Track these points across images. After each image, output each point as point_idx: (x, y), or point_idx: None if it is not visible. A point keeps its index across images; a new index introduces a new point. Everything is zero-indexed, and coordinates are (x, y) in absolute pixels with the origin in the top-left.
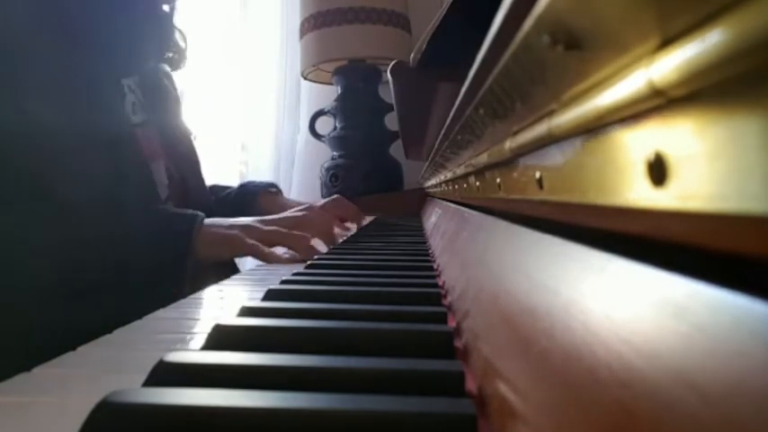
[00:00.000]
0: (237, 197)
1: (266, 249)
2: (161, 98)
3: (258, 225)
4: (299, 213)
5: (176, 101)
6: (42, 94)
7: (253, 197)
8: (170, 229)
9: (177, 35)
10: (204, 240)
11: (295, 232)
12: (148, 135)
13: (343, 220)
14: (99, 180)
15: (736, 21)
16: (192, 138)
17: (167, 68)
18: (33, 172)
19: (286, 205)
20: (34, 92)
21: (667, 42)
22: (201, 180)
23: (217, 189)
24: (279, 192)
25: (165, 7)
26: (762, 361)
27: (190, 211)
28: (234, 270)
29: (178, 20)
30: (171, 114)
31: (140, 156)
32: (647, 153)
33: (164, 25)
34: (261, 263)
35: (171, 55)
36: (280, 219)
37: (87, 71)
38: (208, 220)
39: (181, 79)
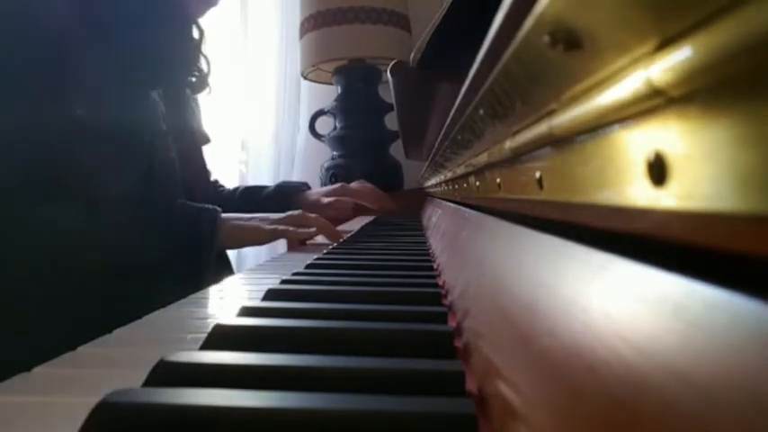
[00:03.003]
0: (276, 197)
1: (290, 228)
2: (180, 112)
3: (271, 216)
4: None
5: (196, 114)
6: (87, 101)
7: (288, 196)
8: (197, 223)
9: (202, 60)
10: (227, 231)
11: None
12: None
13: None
14: (134, 182)
15: (736, 21)
16: (208, 143)
17: (188, 93)
18: (75, 170)
19: (314, 197)
20: (81, 100)
21: (667, 42)
22: (210, 194)
23: (255, 189)
24: (309, 188)
25: (196, 33)
26: (760, 359)
27: (210, 206)
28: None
29: (205, 47)
30: (188, 128)
31: (172, 158)
32: (647, 153)
33: (192, 48)
34: (260, 262)
35: (194, 80)
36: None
37: (126, 80)
38: (226, 215)
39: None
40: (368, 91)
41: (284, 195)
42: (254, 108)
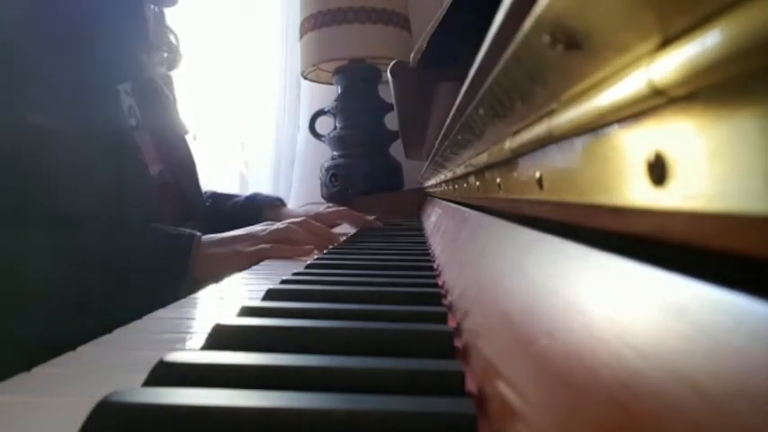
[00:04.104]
0: (243, 209)
1: (269, 246)
2: (156, 103)
3: (258, 233)
4: (290, 225)
5: (173, 104)
6: (45, 105)
7: (258, 210)
8: (168, 248)
9: (170, 35)
10: (203, 261)
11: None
12: (143, 140)
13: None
14: (102, 186)
15: (736, 21)
16: (193, 138)
17: (164, 71)
18: (38, 184)
19: (290, 216)
20: (38, 104)
21: (667, 42)
22: (198, 186)
23: (222, 197)
24: (283, 205)
25: (154, 8)
26: (762, 361)
27: (188, 231)
28: None
29: (169, 19)
30: (167, 119)
31: (140, 159)
32: (647, 153)
33: (150, 26)
34: (261, 263)
35: (165, 55)
36: (274, 229)
37: (85, 78)
38: (206, 238)
39: (181, 79)
40: (368, 91)
41: (254, 209)
42: (254, 108)
